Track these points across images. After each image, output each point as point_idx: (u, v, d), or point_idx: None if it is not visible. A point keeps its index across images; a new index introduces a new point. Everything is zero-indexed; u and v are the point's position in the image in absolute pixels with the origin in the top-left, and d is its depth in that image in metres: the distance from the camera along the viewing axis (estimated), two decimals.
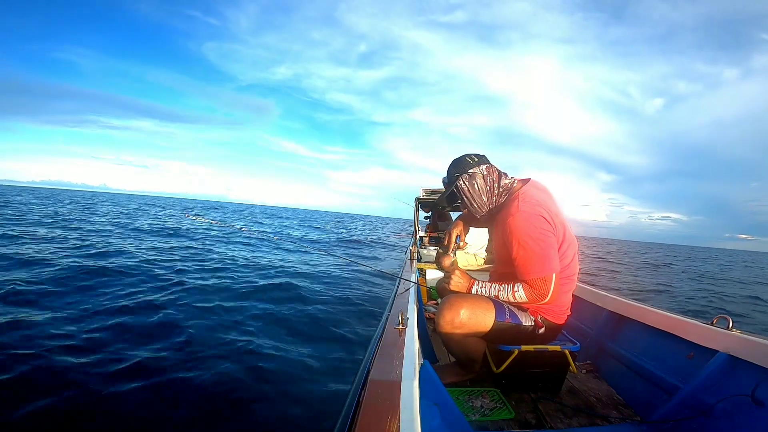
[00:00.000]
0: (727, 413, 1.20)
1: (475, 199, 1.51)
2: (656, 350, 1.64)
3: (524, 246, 1.32)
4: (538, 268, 1.32)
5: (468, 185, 1.50)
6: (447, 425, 1.01)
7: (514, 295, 1.39)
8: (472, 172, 1.49)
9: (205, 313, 3.73)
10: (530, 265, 1.33)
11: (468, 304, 1.43)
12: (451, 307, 1.43)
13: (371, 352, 1.08)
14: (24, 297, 3.71)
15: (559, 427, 1.36)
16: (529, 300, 1.37)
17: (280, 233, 14.86)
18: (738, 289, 10.68)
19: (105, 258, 5.90)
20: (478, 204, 1.51)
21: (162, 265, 5.85)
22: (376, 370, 0.89)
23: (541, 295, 1.34)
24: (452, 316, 1.42)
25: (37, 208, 15.95)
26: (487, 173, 1.50)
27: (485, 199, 1.50)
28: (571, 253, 1.46)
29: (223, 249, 8.31)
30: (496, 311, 1.44)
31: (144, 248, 7.39)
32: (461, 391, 1.57)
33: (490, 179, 1.50)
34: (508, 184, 1.51)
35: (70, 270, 4.83)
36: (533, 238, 1.32)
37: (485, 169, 1.50)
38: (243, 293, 4.68)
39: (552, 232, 1.36)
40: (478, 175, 1.49)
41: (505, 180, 1.51)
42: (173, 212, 23.25)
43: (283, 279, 5.59)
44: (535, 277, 1.33)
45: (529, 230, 1.33)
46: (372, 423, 0.67)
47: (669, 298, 7.80)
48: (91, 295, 4.00)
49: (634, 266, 15.52)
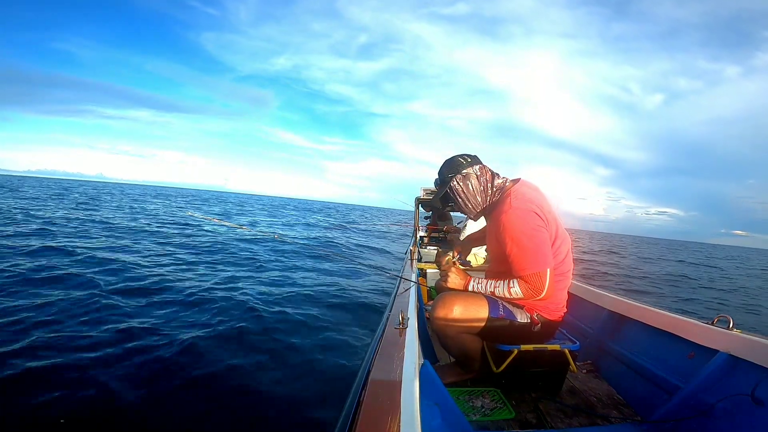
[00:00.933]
0: (727, 413, 1.20)
1: (469, 199, 1.51)
2: (656, 350, 1.64)
3: (518, 242, 1.33)
4: (532, 264, 1.32)
5: (462, 186, 1.50)
6: (447, 425, 1.01)
7: (510, 291, 1.38)
8: (466, 173, 1.49)
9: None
10: (524, 260, 1.33)
11: (461, 300, 1.44)
12: (444, 303, 1.44)
13: (371, 352, 1.08)
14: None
15: (560, 426, 1.36)
16: (524, 296, 1.36)
17: (288, 232, 14.75)
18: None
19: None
20: (472, 204, 1.52)
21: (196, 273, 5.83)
22: (376, 370, 0.89)
23: (537, 290, 1.33)
24: (445, 311, 1.43)
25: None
26: (480, 173, 1.50)
27: (479, 199, 1.51)
28: (564, 249, 1.47)
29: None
30: (489, 307, 1.44)
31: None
32: (461, 391, 1.57)
33: (484, 179, 1.50)
34: (500, 184, 1.51)
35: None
36: (526, 234, 1.32)
37: (478, 170, 1.50)
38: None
39: (545, 228, 1.37)
40: (472, 176, 1.49)
41: (498, 180, 1.52)
42: (181, 208, 22.76)
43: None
44: (529, 272, 1.32)
45: (521, 226, 1.33)
46: (372, 423, 0.67)
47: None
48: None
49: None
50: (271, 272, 6.14)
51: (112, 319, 3.31)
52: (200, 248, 7.83)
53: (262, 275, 5.83)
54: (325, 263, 7.55)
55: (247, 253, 7.67)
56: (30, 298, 3.64)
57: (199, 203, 34.75)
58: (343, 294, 5.08)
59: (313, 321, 3.87)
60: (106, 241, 7.53)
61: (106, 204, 18.85)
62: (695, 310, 6.83)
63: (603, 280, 9.53)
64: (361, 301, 4.80)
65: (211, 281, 5.08)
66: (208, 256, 7.07)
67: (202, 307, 3.92)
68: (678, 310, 1.74)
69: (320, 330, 3.61)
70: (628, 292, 7.07)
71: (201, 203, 34.70)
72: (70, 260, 5.48)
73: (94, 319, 3.29)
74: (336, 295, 4.99)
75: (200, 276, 5.39)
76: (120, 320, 3.28)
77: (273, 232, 10.76)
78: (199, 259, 6.76)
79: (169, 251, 7.24)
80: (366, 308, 4.49)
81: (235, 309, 3.93)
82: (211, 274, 5.56)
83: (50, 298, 3.69)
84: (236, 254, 7.49)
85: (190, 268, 5.91)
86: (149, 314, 3.56)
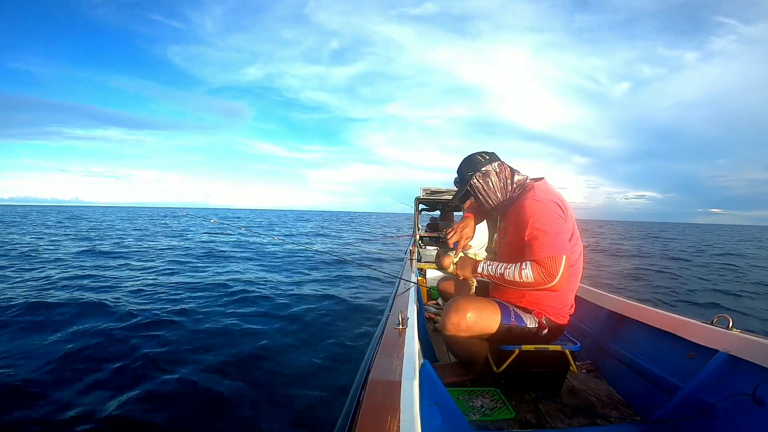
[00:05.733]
0: (727, 413, 1.20)
1: (490, 196, 1.52)
2: (656, 350, 1.64)
3: (538, 227, 1.31)
4: (549, 247, 1.28)
5: (482, 183, 1.51)
6: (447, 425, 1.01)
7: (521, 273, 1.29)
8: (486, 170, 1.50)
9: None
10: (542, 244, 1.28)
11: (474, 307, 1.43)
12: (457, 309, 1.42)
13: (371, 352, 1.08)
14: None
15: (560, 426, 1.36)
16: (535, 280, 1.27)
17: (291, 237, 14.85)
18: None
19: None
20: (493, 201, 1.52)
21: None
22: (376, 370, 0.89)
23: (550, 275, 1.25)
24: (458, 319, 1.41)
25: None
26: (499, 170, 1.51)
27: (500, 195, 1.51)
28: (577, 251, 1.46)
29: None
30: (501, 314, 1.44)
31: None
32: (461, 391, 1.57)
33: (503, 176, 1.51)
34: (521, 180, 1.52)
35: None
36: (549, 220, 1.32)
37: (497, 166, 1.51)
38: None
39: (564, 221, 1.37)
40: (491, 173, 1.50)
41: (518, 176, 1.52)
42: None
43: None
44: (545, 255, 1.27)
45: (544, 212, 1.33)
46: (372, 423, 0.67)
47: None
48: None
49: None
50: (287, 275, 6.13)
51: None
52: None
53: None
54: (324, 263, 7.54)
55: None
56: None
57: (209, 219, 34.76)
58: (344, 294, 5.08)
59: (314, 321, 3.88)
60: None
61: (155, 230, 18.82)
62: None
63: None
64: (362, 301, 4.80)
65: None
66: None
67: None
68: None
69: (321, 329, 3.61)
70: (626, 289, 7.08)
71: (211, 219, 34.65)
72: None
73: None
74: (336, 294, 4.99)
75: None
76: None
77: (277, 237, 10.84)
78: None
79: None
80: (366, 308, 4.49)
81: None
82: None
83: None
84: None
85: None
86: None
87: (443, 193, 4.76)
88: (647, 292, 6.45)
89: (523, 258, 1.35)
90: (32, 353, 2.81)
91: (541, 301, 1.47)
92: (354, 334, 3.53)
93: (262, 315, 4.01)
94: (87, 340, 3.11)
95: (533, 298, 1.48)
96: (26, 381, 2.40)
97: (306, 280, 6.16)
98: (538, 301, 1.48)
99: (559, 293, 1.37)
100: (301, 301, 4.63)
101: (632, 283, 7.37)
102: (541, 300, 1.47)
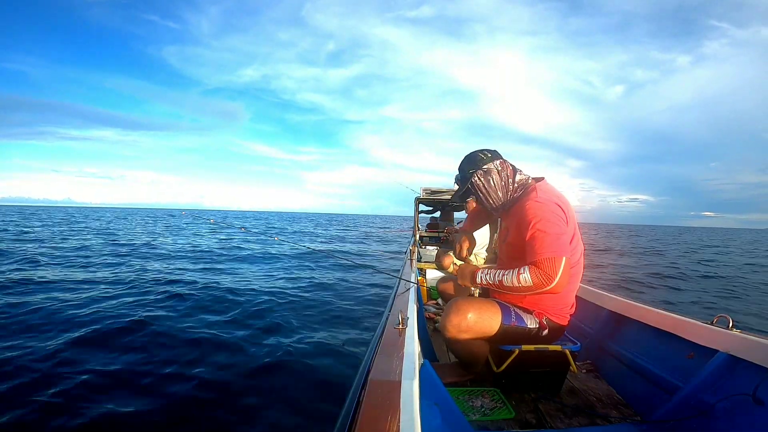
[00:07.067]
0: (727, 413, 1.20)
1: (491, 194, 1.50)
2: (656, 350, 1.64)
3: (539, 228, 1.30)
4: (548, 249, 1.27)
5: (484, 181, 1.50)
6: (447, 425, 1.01)
7: (519, 278, 1.30)
8: (487, 168, 1.49)
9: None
10: (542, 245, 1.28)
11: (474, 308, 1.43)
12: (458, 310, 1.42)
13: (371, 352, 1.08)
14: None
15: (559, 426, 1.36)
16: (534, 283, 1.27)
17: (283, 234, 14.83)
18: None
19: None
20: (493, 199, 1.51)
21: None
22: (376, 370, 0.89)
23: (549, 277, 1.24)
24: (459, 320, 1.41)
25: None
26: (501, 168, 1.50)
27: (501, 194, 1.50)
28: (578, 251, 1.46)
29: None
30: (502, 314, 1.43)
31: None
32: (461, 391, 1.56)
33: (505, 174, 1.50)
34: (523, 180, 1.51)
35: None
36: (550, 221, 1.31)
37: (499, 165, 1.50)
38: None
39: (566, 223, 1.36)
40: (493, 171, 1.49)
41: (520, 176, 1.51)
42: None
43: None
44: (544, 257, 1.26)
45: (545, 214, 1.32)
46: (372, 423, 0.67)
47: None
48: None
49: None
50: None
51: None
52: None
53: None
54: (325, 265, 7.55)
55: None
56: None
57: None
58: (343, 294, 5.08)
59: (313, 321, 3.88)
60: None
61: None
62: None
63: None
64: (361, 301, 4.80)
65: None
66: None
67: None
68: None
69: (320, 329, 3.61)
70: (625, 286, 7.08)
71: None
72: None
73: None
74: (336, 294, 4.99)
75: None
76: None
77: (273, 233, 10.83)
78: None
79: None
80: (366, 308, 4.49)
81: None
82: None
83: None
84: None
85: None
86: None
87: (443, 193, 4.76)
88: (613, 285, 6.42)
89: (523, 259, 1.35)
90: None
91: (542, 301, 1.47)
92: (354, 334, 3.53)
93: (258, 315, 4.01)
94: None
95: (534, 299, 1.47)
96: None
97: (305, 280, 6.16)
98: (538, 301, 1.47)
99: (560, 294, 1.36)
100: (299, 301, 4.63)
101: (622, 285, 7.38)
102: (541, 300, 1.47)
